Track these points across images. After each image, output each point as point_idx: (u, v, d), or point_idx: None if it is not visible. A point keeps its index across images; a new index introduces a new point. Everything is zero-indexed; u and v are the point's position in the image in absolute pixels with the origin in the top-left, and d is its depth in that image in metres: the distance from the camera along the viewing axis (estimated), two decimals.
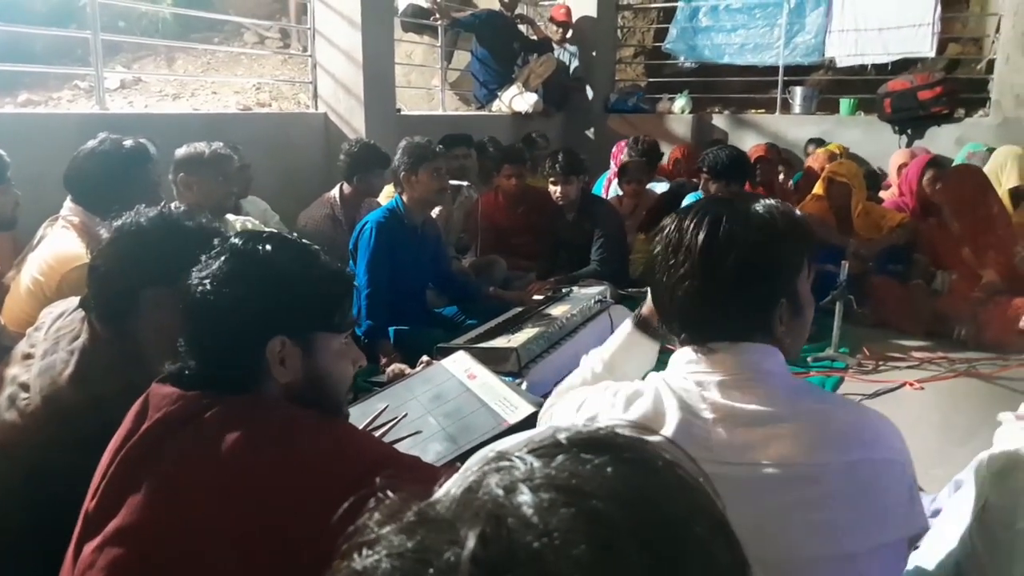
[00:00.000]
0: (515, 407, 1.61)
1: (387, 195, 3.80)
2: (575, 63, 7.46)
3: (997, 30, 6.26)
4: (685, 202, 4.14)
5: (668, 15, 7.69)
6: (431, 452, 1.67)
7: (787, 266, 1.07)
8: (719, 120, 7.07)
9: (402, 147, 3.28)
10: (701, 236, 1.04)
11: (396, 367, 2.71)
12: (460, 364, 2.07)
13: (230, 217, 3.05)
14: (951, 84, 6.10)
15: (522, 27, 7.02)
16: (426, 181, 3.23)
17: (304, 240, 1.24)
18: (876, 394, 3.17)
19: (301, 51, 6.16)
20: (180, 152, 2.80)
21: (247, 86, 6.67)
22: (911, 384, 3.25)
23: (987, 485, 1.11)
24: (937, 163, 4.41)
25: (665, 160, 5.78)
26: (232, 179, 2.90)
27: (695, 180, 4.70)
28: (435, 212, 3.58)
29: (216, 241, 1.17)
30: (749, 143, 6.57)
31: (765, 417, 0.99)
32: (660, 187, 5.04)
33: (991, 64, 6.22)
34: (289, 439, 1.05)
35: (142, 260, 1.46)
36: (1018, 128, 5.81)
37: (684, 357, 1.08)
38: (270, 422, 1.07)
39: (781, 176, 5.52)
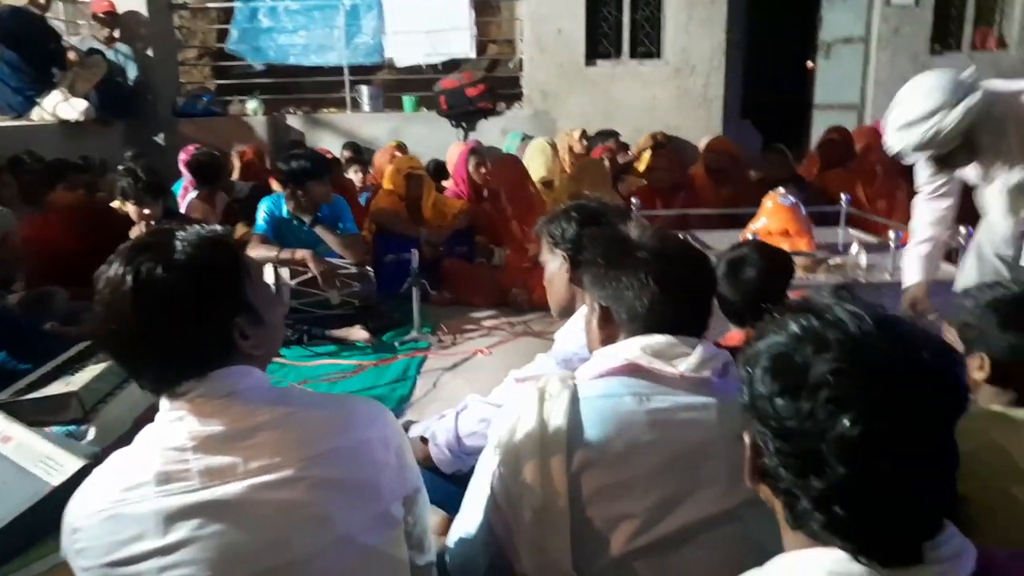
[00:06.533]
0: (60, 465, 1.47)
1: None
2: (131, 65, 6.88)
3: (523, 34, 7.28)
4: (261, 205, 4.10)
5: (228, 15, 7.49)
6: None
7: (223, 286, 1.07)
8: (294, 120, 7.13)
9: None
10: (127, 288, 1.02)
11: None
12: None
13: None
14: (490, 82, 6.95)
15: (59, 24, 6.26)
16: None
17: None
18: (455, 365, 3.53)
19: None
20: None
21: None
22: (481, 351, 3.67)
23: (500, 442, 1.26)
24: (476, 151, 4.98)
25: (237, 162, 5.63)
26: None
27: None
28: None
29: None
30: (326, 142, 6.76)
31: (245, 433, 1.03)
32: None
33: (523, 63, 7.20)
34: None
35: None
36: (546, 119, 6.88)
37: (162, 407, 1.08)
38: None
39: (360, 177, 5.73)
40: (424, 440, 1.84)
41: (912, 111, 2.23)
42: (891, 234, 3.42)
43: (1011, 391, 1.44)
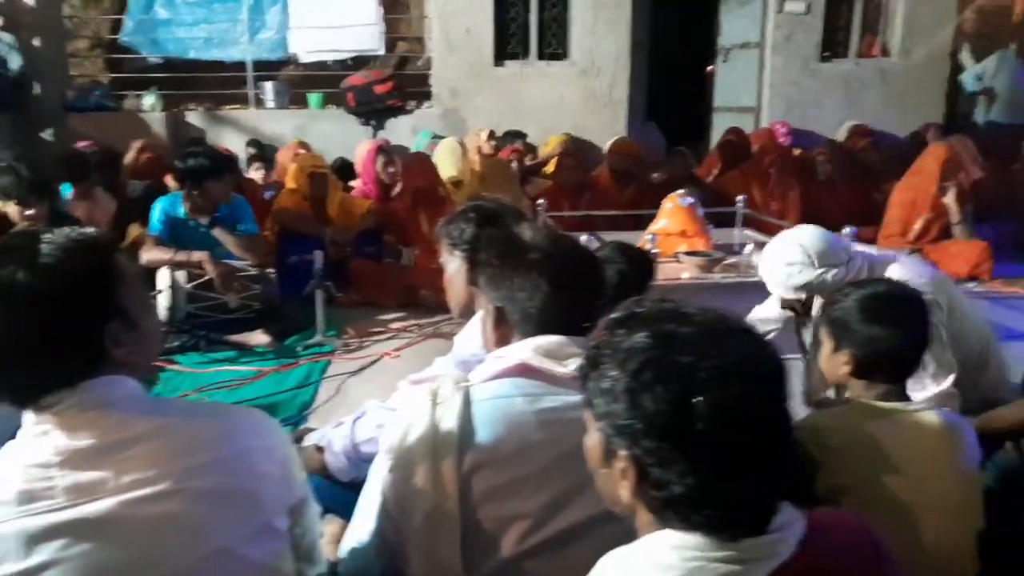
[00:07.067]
0: None
1: None
2: (14, 56, 6.49)
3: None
4: (156, 205, 3.91)
5: (122, 5, 7.16)
6: None
7: (93, 291, 1.03)
8: (195, 117, 6.88)
9: None
10: None
11: None
12: None
13: None
14: (399, 79, 6.89)
15: None
16: None
17: None
18: (360, 370, 3.46)
19: None
20: None
21: None
22: (388, 354, 3.62)
23: (392, 446, 1.23)
24: (383, 149, 4.91)
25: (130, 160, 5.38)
26: None
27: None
28: None
29: None
30: (228, 139, 6.56)
31: (118, 446, 0.99)
32: None
33: (432, 61, 7.16)
34: None
35: None
36: (456, 118, 6.86)
37: (26, 421, 1.02)
38: None
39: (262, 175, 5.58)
40: (320, 448, 1.80)
41: (772, 263, 2.26)
42: None
43: (880, 384, 1.53)
